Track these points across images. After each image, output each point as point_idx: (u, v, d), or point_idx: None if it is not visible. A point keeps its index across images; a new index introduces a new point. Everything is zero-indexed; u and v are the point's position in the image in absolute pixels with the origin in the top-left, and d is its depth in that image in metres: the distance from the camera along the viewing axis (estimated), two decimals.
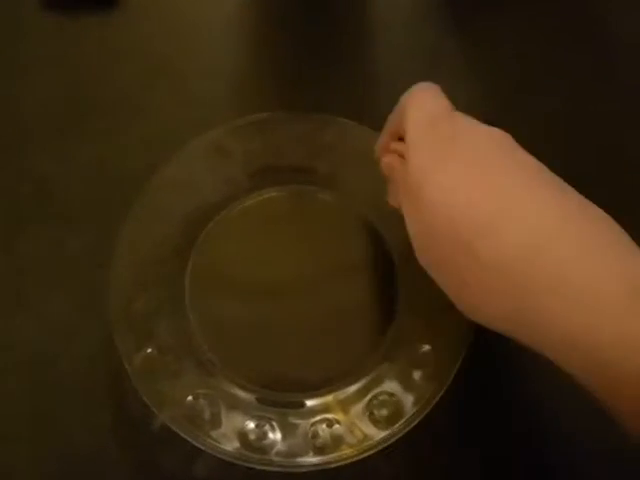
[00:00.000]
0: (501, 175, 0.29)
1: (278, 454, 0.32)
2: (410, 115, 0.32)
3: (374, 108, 0.46)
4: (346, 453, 0.32)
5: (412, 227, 0.31)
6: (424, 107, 0.32)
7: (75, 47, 0.48)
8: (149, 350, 0.35)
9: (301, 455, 0.32)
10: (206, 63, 0.48)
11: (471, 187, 0.29)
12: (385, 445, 0.32)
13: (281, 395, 0.35)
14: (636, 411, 0.24)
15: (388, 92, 0.36)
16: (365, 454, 0.32)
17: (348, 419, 0.34)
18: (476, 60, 0.50)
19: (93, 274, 0.39)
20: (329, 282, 0.39)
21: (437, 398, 0.33)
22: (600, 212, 0.28)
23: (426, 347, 0.35)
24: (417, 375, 0.34)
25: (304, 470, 0.32)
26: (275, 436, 0.33)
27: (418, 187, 0.29)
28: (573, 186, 0.29)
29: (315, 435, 0.33)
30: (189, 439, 0.32)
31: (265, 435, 0.33)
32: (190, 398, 0.34)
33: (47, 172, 0.43)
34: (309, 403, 0.35)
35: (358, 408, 0.34)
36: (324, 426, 0.34)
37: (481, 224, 0.28)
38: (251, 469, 0.32)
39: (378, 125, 0.41)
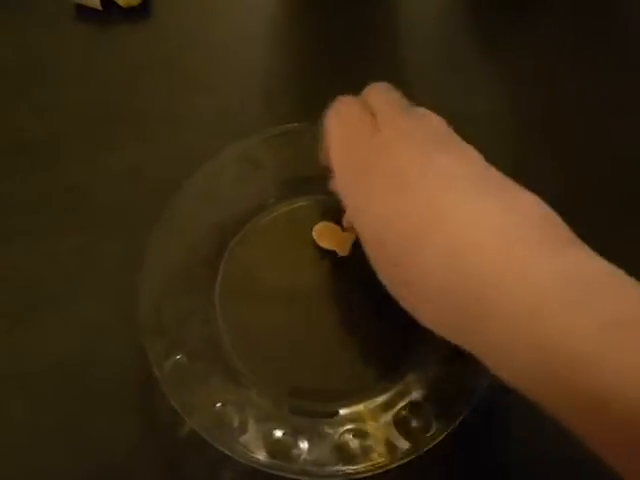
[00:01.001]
0: (417, 188, 0.29)
1: (305, 463, 0.32)
2: (329, 136, 0.33)
3: None
4: (374, 463, 0.32)
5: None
6: (342, 125, 0.33)
7: (106, 57, 0.49)
8: (178, 357, 0.35)
9: (329, 464, 0.32)
10: (236, 73, 0.49)
11: (386, 206, 0.29)
12: (414, 456, 0.32)
13: (309, 404, 0.35)
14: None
15: (415, 96, 0.36)
16: (393, 465, 0.32)
17: (377, 429, 0.34)
18: (499, 72, 0.50)
19: (124, 281, 0.39)
20: (359, 290, 0.39)
21: (466, 411, 0.33)
22: (529, 197, 0.28)
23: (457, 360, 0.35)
24: (447, 388, 0.34)
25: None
26: (303, 445, 0.33)
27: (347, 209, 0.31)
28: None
29: (343, 445, 0.33)
30: (217, 446, 0.33)
31: (293, 444, 0.33)
32: (219, 405, 0.34)
33: (79, 180, 0.44)
34: (338, 412, 0.35)
35: (387, 418, 0.34)
36: (352, 436, 0.34)
37: (399, 242, 0.28)
38: (277, 477, 0.32)
39: None
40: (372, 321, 0.38)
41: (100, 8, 0.50)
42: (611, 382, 0.22)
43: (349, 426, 0.34)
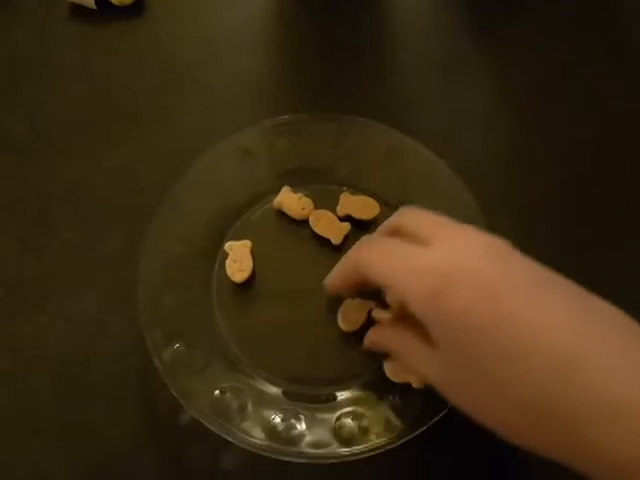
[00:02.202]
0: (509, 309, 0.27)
1: (305, 446, 0.33)
2: (409, 294, 0.29)
3: (395, 108, 0.47)
4: (372, 444, 0.32)
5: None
6: (420, 283, 0.29)
7: (101, 55, 0.50)
8: (177, 345, 0.36)
9: (327, 447, 0.33)
10: (229, 67, 0.49)
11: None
12: (411, 436, 0.32)
13: (306, 388, 0.36)
14: None
15: (409, 92, 0.36)
16: (392, 445, 0.32)
17: (374, 411, 0.34)
18: (495, 65, 0.50)
19: (122, 273, 0.40)
20: None
21: None
22: (613, 309, 0.27)
23: None
24: None
25: (332, 461, 0.32)
26: (302, 428, 0.34)
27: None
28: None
29: (341, 427, 0.34)
30: (217, 432, 0.33)
31: (292, 427, 0.34)
32: (217, 392, 0.35)
33: (75, 175, 0.44)
34: (334, 397, 0.36)
35: (384, 400, 0.35)
36: (350, 419, 0.34)
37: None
38: (279, 461, 0.32)
39: (399, 125, 0.42)
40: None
41: (95, 7, 0.50)
42: None
43: (346, 409, 0.35)
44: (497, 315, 0.27)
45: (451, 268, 0.29)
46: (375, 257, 0.32)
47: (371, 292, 0.35)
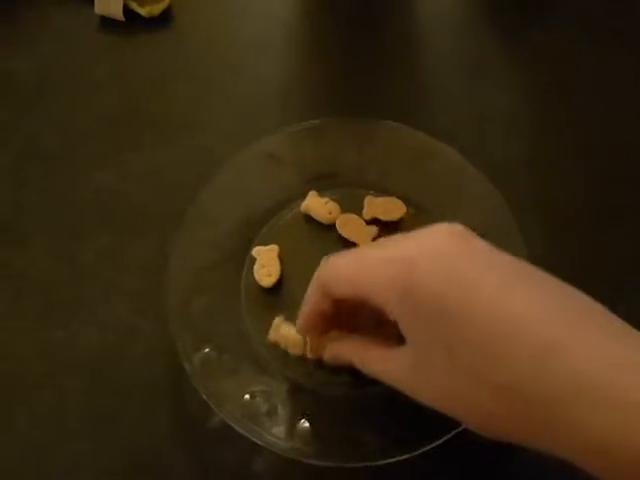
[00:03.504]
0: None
1: None
2: (381, 294, 0.29)
3: (421, 110, 0.47)
4: None
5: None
6: (390, 276, 0.28)
7: (129, 65, 0.51)
8: (207, 350, 0.36)
9: None
10: (255, 74, 0.50)
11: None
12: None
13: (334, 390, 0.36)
14: None
15: (434, 94, 0.36)
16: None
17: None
18: (520, 65, 0.50)
19: (152, 278, 0.40)
20: None
21: None
22: (586, 298, 0.27)
23: None
24: None
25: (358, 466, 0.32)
26: None
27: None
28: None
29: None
30: (247, 435, 0.33)
31: None
32: (247, 396, 0.35)
33: (105, 183, 0.45)
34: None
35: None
36: None
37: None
38: (309, 465, 0.32)
39: (425, 127, 0.42)
40: None
41: (123, 19, 0.51)
42: None
43: None
44: (475, 301, 0.26)
45: (420, 254, 0.28)
46: (339, 268, 0.31)
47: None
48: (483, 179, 0.39)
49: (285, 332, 0.37)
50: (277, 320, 0.37)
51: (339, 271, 0.31)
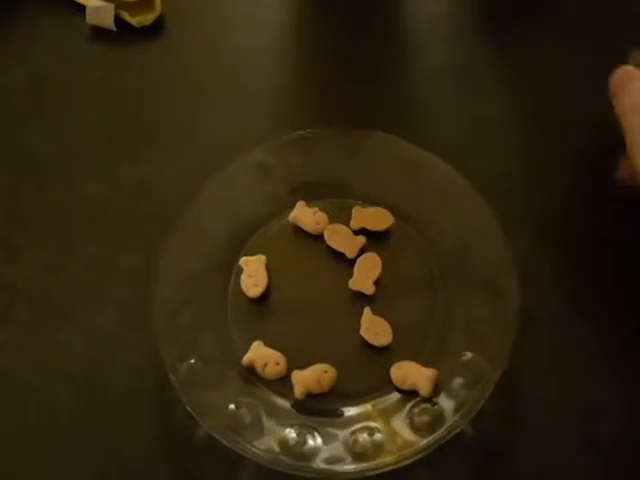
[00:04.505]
0: None
1: (320, 461, 0.33)
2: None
3: (411, 121, 0.47)
4: (387, 460, 0.32)
5: None
6: None
7: (120, 75, 0.51)
8: (192, 361, 0.36)
9: (341, 462, 0.32)
10: (245, 85, 0.49)
11: None
12: (426, 453, 0.32)
13: (321, 403, 0.36)
14: None
15: (424, 106, 0.36)
16: (406, 461, 0.32)
17: (388, 427, 0.34)
18: (512, 76, 0.50)
19: (139, 289, 0.40)
20: (369, 295, 0.39)
21: (479, 406, 0.33)
22: None
23: (467, 355, 0.35)
24: (458, 383, 0.34)
25: (345, 477, 0.32)
26: (316, 444, 0.33)
27: None
28: None
29: (355, 443, 0.33)
30: (232, 447, 0.33)
31: (306, 443, 0.33)
32: (232, 407, 0.35)
33: (94, 193, 0.45)
34: (349, 412, 0.35)
35: (399, 416, 0.34)
36: (365, 434, 0.34)
37: None
38: (294, 476, 0.32)
39: (414, 137, 0.42)
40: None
41: (114, 29, 0.52)
42: None
43: (360, 425, 0.34)
44: None
45: None
46: None
47: None
48: (471, 190, 0.39)
49: (263, 353, 0.37)
50: (256, 343, 0.37)
51: None
